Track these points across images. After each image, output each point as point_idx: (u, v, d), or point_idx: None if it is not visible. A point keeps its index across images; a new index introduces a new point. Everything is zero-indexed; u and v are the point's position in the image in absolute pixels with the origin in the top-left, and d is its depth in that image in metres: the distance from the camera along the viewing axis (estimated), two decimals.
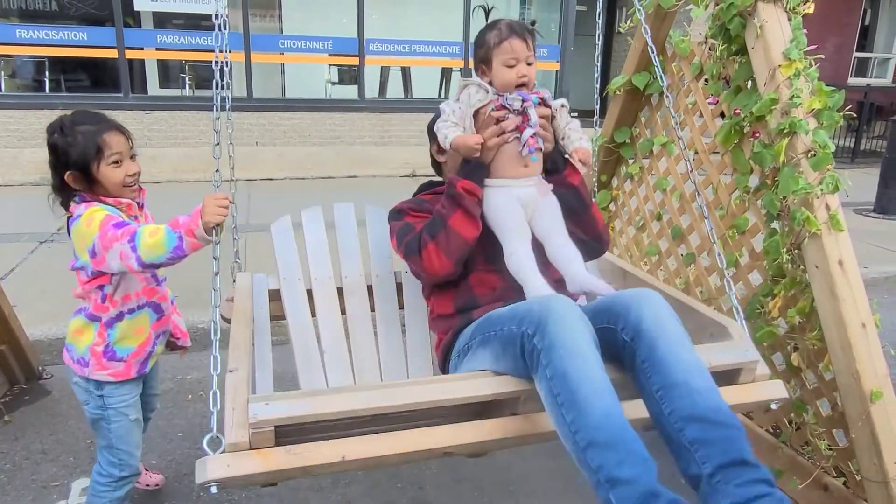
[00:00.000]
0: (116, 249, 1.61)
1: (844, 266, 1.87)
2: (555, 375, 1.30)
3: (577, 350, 1.31)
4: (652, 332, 1.39)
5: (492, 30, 1.73)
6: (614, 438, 1.25)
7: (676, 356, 1.36)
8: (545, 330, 1.34)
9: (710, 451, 1.28)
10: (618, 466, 1.23)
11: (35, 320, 3.35)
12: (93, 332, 1.83)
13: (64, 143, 1.69)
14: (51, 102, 7.23)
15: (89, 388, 1.87)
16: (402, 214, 1.93)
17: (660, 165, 2.91)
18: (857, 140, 9.88)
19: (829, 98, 1.97)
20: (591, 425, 1.25)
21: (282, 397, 1.41)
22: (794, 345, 2.13)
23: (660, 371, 1.35)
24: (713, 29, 2.33)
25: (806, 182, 1.92)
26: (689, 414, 1.31)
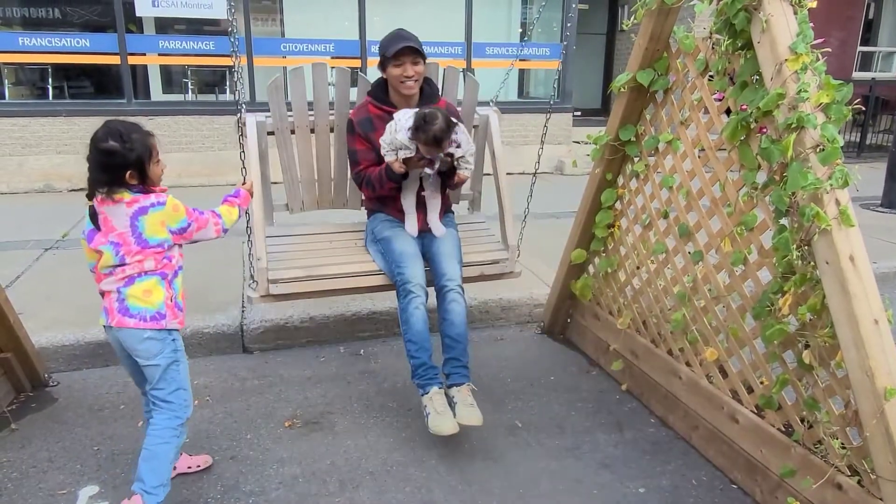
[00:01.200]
0: (210, 226, 2.27)
1: (856, 261, 1.84)
2: (402, 308, 2.75)
3: (414, 301, 2.72)
4: (446, 291, 2.79)
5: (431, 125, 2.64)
6: (417, 339, 2.69)
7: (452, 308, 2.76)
8: (405, 284, 2.75)
9: (449, 351, 2.73)
10: (416, 351, 2.69)
11: (41, 328, 3.34)
12: (162, 289, 2.15)
13: (124, 149, 2.03)
14: (54, 109, 7.25)
15: (164, 337, 2.16)
16: (353, 132, 2.95)
17: (665, 163, 2.89)
18: (863, 134, 9.83)
19: (837, 92, 1.94)
20: (410, 333, 2.70)
21: (283, 281, 2.89)
22: (806, 342, 2.11)
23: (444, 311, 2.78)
24: (718, 24, 2.31)
25: (815, 177, 1.90)
26: (449, 333, 2.74)
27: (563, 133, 8.76)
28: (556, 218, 5.71)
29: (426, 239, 2.99)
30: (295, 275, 2.88)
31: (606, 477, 2.51)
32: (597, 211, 3.26)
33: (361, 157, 2.95)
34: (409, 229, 2.96)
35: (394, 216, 3.03)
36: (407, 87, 2.84)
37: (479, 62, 8.42)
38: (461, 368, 2.70)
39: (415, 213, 2.97)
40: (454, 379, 2.69)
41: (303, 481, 2.46)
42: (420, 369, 2.67)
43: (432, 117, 2.64)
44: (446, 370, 2.70)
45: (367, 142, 2.91)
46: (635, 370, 3.10)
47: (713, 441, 2.59)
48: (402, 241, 2.90)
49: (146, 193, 2.11)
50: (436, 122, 2.63)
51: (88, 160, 2.07)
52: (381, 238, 2.98)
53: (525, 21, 9.45)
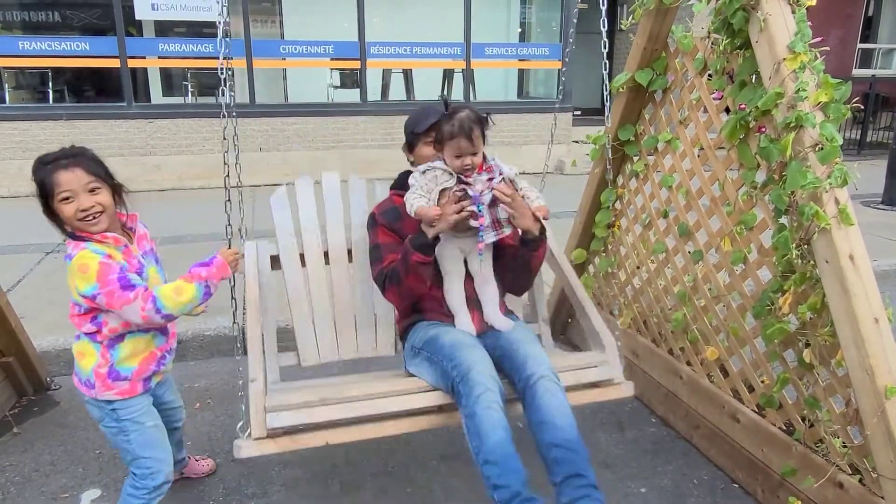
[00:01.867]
0: (133, 312, 1.77)
1: (855, 260, 1.84)
2: (468, 415, 1.94)
3: (485, 401, 1.93)
4: (534, 387, 2.01)
5: (447, 123, 2.06)
6: (499, 458, 1.86)
7: (548, 404, 1.98)
8: (467, 381, 1.96)
9: (561, 468, 1.90)
10: (499, 476, 1.84)
11: (43, 331, 3.35)
12: (96, 354, 1.89)
13: (33, 179, 1.80)
14: (55, 113, 7.27)
15: (100, 406, 1.93)
16: (375, 226, 2.32)
17: (664, 162, 2.89)
18: (863, 132, 9.82)
19: (835, 91, 1.94)
20: (487, 449, 1.87)
21: (287, 408, 1.98)
22: (806, 341, 2.11)
23: (537, 413, 1.98)
24: (716, 23, 2.30)
25: (814, 176, 1.90)
26: (553, 442, 1.93)
27: (562, 133, 8.76)
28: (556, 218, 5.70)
29: (488, 338, 2.21)
30: (305, 399, 2.02)
31: (608, 477, 2.51)
32: (597, 211, 3.26)
33: (386, 251, 2.24)
34: (464, 327, 2.21)
35: (441, 320, 2.27)
36: None
37: (479, 62, 8.43)
38: (588, 489, 1.85)
39: (467, 309, 2.24)
40: None
41: (305, 483, 2.47)
42: (515, 501, 1.81)
43: (455, 106, 2.11)
44: (566, 498, 1.86)
45: (394, 233, 2.27)
46: (636, 370, 3.10)
47: (714, 440, 2.59)
48: (452, 332, 2.17)
49: (78, 242, 1.82)
50: (461, 109, 2.08)
51: None
52: (424, 341, 2.20)
53: (524, 21, 9.46)
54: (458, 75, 8.57)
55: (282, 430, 1.99)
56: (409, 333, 2.33)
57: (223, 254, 1.98)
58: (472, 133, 2.03)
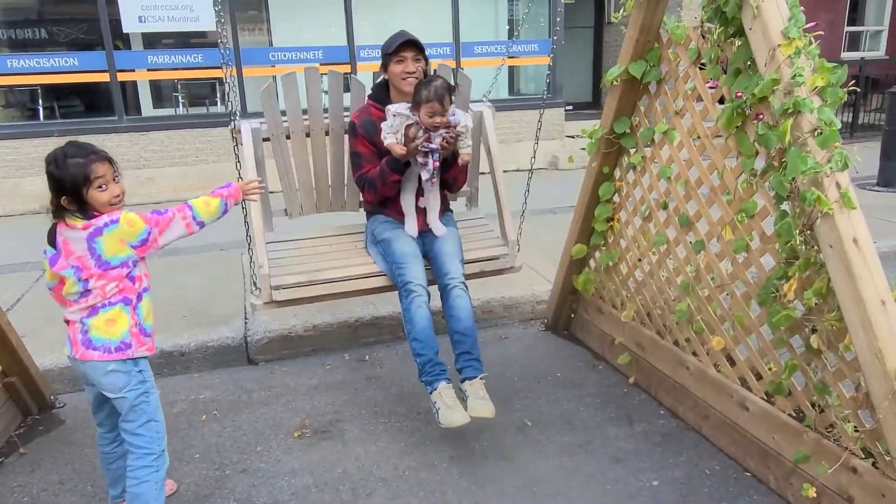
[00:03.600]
0: (178, 224, 2.09)
1: (860, 244, 1.83)
2: (404, 308, 2.73)
3: (416, 300, 2.71)
4: (450, 288, 2.79)
5: (425, 88, 2.67)
6: (422, 337, 2.66)
7: (458, 304, 2.75)
8: (406, 285, 2.74)
9: (459, 346, 2.71)
10: (422, 348, 2.66)
11: (44, 349, 3.33)
12: (127, 316, 2.05)
13: (58, 173, 1.95)
14: (46, 130, 7.23)
15: (129, 369, 2.06)
16: (355, 134, 2.93)
17: (662, 153, 2.88)
18: (855, 114, 9.84)
19: (831, 74, 1.94)
20: (415, 331, 2.67)
21: (286, 287, 2.87)
22: (813, 326, 2.10)
23: (450, 308, 2.77)
24: (708, 12, 2.30)
25: (814, 161, 1.89)
26: (457, 329, 2.72)
27: (555, 128, 8.76)
28: (553, 213, 5.70)
29: (427, 239, 2.98)
30: (297, 280, 2.87)
31: (619, 471, 2.50)
32: (595, 205, 3.26)
33: (365, 161, 2.93)
34: (409, 230, 2.96)
35: (394, 217, 3.01)
36: (409, 83, 2.81)
37: (468, 61, 8.41)
38: (473, 361, 2.67)
39: (414, 214, 2.97)
40: (467, 373, 2.64)
41: (315, 491, 2.45)
42: (427, 366, 2.61)
43: (433, 77, 2.71)
44: (458, 366, 2.67)
45: (371, 144, 2.90)
46: (642, 362, 3.09)
47: (724, 430, 2.58)
48: (402, 241, 2.89)
49: (98, 216, 1.99)
50: (437, 79, 2.68)
51: None
52: (381, 240, 2.97)
53: (512, 18, 9.45)
54: None
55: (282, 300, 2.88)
56: (371, 219, 3.12)
57: (239, 183, 2.33)
58: (443, 100, 2.66)
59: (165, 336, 3.45)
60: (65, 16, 7.76)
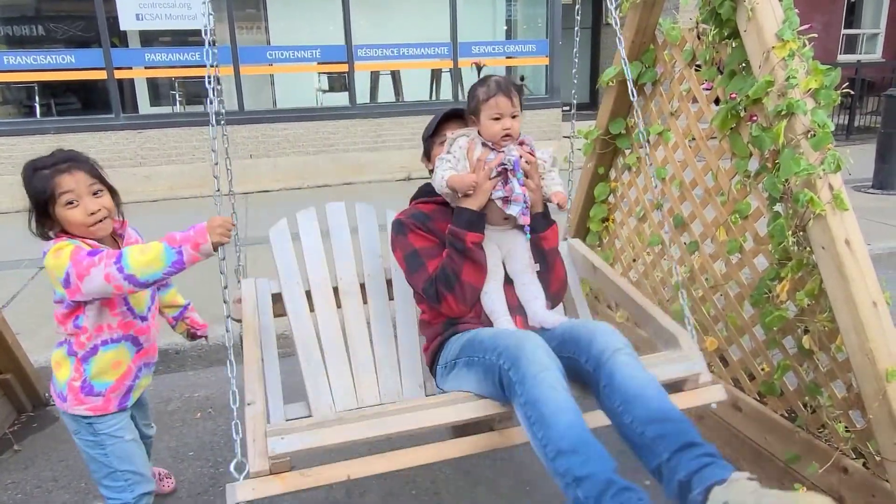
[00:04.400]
0: (98, 274, 1.60)
1: (851, 245, 1.84)
2: (527, 402, 1.55)
3: (544, 380, 1.55)
4: (609, 362, 1.65)
5: (482, 86, 1.92)
6: (576, 445, 1.45)
7: (631, 377, 1.61)
8: (518, 364, 1.59)
9: (665, 443, 1.49)
10: (580, 466, 1.42)
11: (40, 347, 3.33)
12: (69, 367, 1.81)
13: (26, 187, 1.72)
14: (42, 127, 7.22)
15: (76, 419, 1.85)
16: (404, 230, 2.02)
17: (657, 155, 2.89)
18: (851, 117, 9.88)
19: (825, 77, 1.95)
20: (557, 437, 1.47)
21: (294, 430, 1.58)
22: (805, 327, 2.11)
23: (618, 391, 1.60)
24: (703, 14, 2.31)
25: (807, 163, 1.90)
26: (646, 417, 1.54)
27: (552, 129, 8.77)
28: None
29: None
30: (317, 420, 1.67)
31: None
32: (591, 205, 3.27)
33: (426, 257, 1.97)
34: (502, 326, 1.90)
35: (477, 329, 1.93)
36: None
37: (466, 61, 8.42)
38: (709, 458, 1.45)
39: (508, 313, 1.93)
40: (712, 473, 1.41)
41: (310, 490, 2.45)
42: (607, 496, 1.37)
43: (484, 76, 1.96)
44: (684, 472, 1.43)
45: (428, 235, 2.01)
46: None
47: (717, 430, 2.59)
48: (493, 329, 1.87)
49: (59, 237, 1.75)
50: (493, 76, 1.95)
51: None
52: (460, 347, 1.86)
53: (510, 18, 9.46)
54: (445, 75, 8.57)
55: (287, 460, 1.58)
56: (441, 353, 1.96)
57: (211, 219, 1.67)
58: (510, 92, 1.88)
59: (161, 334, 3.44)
60: (62, 13, 7.75)
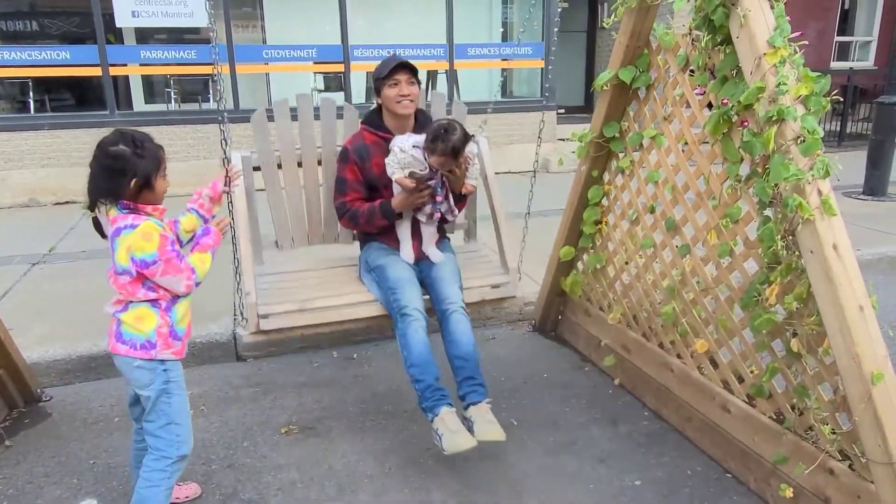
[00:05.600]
0: (180, 280, 1.99)
1: (839, 250, 1.87)
2: (400, 334, 2.60)
3: (413, 324, 2.58)
4: (449, 315, 2.67)
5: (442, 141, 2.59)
6: (419, 362, 2.52)
7: (457, 330, 2.63)
8: (402, 309, 2.62)
9: (462, 372, 2.57)
10: (420, 374, 2.50)
11: (32, 343, 3.33)
12: (156, 317, 2.01)
13: (135, 155, 1.93)
14: (37, 123, 7.20)
15: (154, 367, 2.03)
16: (346, 159, 2.84)
17: (650, 158, 2.92)
18: (843, 123, 9.95)
19: (815, 84, 1.98)
20: (412, 356, 2.54)
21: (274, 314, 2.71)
22: (793, 331, 2.14)
23: (450, 334, 2.64)
24: (697, 20, 2.34)
25: (797, 168, 1.93)
26: (458, 354, 2.59)
27: (547, 131, 8.78)
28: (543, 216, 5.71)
29: (423, 266, 2.87)
30: (286, 308, 2.72)
31: (603, 471, 2.54)
32: (584, 208, 3.29)
33: (350, 188, 2.84)
34: (405, 257, 2.87)
35: (388, 244, 2.91)
36: (403, 105, 2.76)
37: (462, 63, 8.44)
38: (476, 386, 2.53)
39: (410, 241, 2.88)
40: (471, 398, 2.50)
41: (301, 487, 2.47)
42: (427, 392, 2.46)
43: (451, 128, 2.60)
44: (461, 392, 2.54)
45: (360, 171, 2.83)
46: (627, 364, 3.13)
47: (707, 432, 2.62)
48: (397, 267, 2.78)
49: (131, 213, 1.95)
50: (455, 132, 2.59)
51: (92, 166, 1.95)
52: (375, 266, 2.84)
53: (506, 21, 9.48)
54: (441, 76, 8.58)
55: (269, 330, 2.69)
56: (365, 246, 3.01)
57: (216, 225, 2.22)
58: (458, 155, 2.64)
59: None
60: (57, 8, 7.73)
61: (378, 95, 2.85)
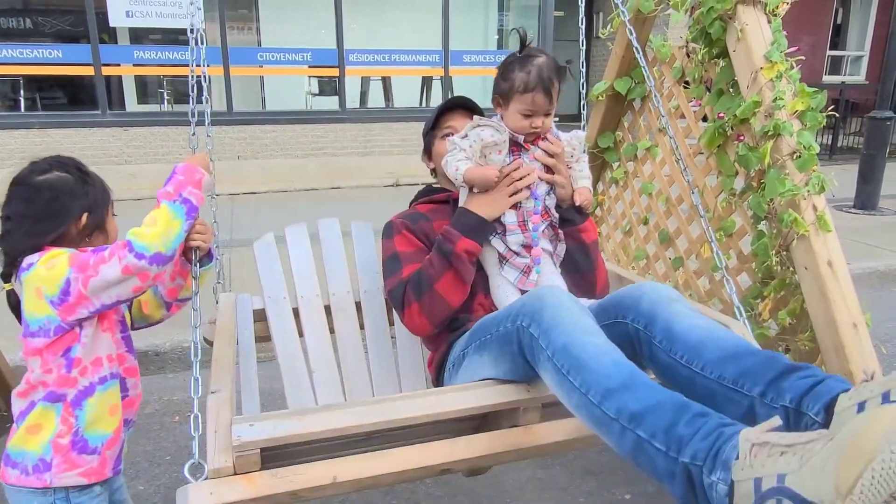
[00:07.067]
0: (111, 270, 1.32)
1: (833, 266, 1.87)
2: (556, 351, 1.26)
3: (576, 324, 1.29)
4: (664, 314, 1.40)
5: (522, 69, 1.66)
6: (627, 381, 1.17)
7: (693, 326, 1.36)
8: (541, 316, 1.32)
9: (754, 377, 1.21)
10: (636, 401, 1.13)
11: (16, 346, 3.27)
12: (54, 420, 1.40)
13: (80, 181, 1.46)
14: (27, 122, 7.13)
15: (52, 495, 1.41)
16: (391, 232, 1.87)
17: (644, 169, 2.91)
18: (835, 137, 10.02)
19: (811, 99, 1.98)
20: (602, 377, 1.18)
21: (267, 417, 1.33)
22: (786, 346, 2.13)
23: (680, 341, 1.34)
24: (693, 32, 2.33)
25: (792, 183, 1.92)
26: (721, 357, 1.27)
27: None
28: None
29: None
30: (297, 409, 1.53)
31: (592, 484, 2.51)
32: None
33: (406, 262, 1.77)
34: None
35: None
36: None
37: (457, 70, 8.44)
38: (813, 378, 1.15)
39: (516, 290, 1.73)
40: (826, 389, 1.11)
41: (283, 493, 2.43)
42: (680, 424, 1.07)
43: (532, 50, 1.69)
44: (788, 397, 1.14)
45: (416, 238, 1.84)
46: None
47: None
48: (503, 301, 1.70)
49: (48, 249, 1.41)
50: (540, 53, 1.68)
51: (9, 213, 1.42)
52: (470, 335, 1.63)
53: (502, 28, 9.50)
54: (436, 82, 8.58)
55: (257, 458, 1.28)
56: (449, 355, 1.73)
57: (188, 158, 1.54)
58: (551, 87, 1.65)
59: (141, 335, 3.40)
60: (50, 7, 7.67)
61: (430, 158, 2.04)
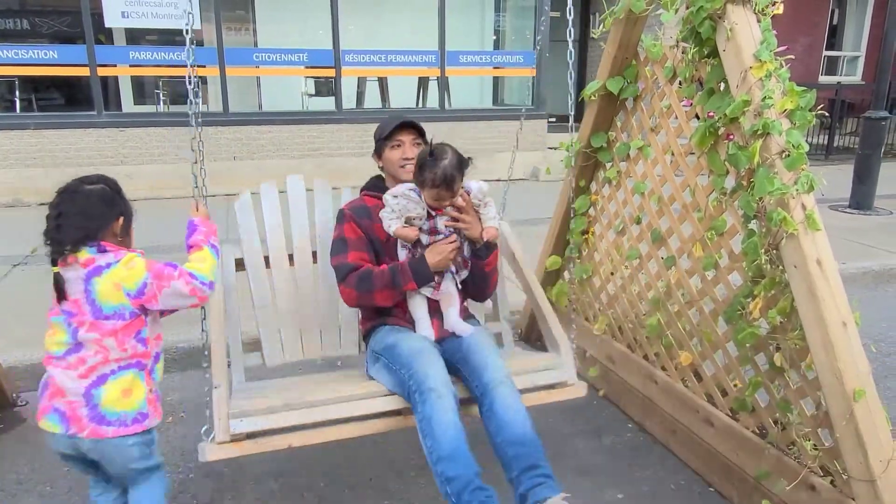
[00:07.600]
0: (180, 286, 1.79)
1: (823, 265, 1.87)
2: (423, 419, 2.00)
3: (439, 406, 2.00)
4: (492, 392, 2.10)
5: (430, 171, 2.17)
6: (452, 453, 1.92)
7: (506, 407, 2.07)
8: (422, 389, 2.04)
9: (518, 463, 1.98)
10: (452, 469, 1.90)
11: (10, 346, 3.27)
12: (142, 383, 1.83)
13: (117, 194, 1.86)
14: (23, 122, 7.12)
15: (148, 440, 1.86)
16: (342, 220, 2.37)
17: (637, 169, 2.91)
18: (831, 137, 10.03)
19: (800, 98, 1.98)
20: (440, 447, 1.94)
21: (251, 413, 2.06)
22: (777, 345, 2.14)
23: (495, 416, 2.07)
24: (684, 32, 2.34)
25: (781, 182, 1.93)
26: (510, 440, 2.01)
27: (538, 139, 8.81)
28: (532, 225, 5.72)
29: (448, 345, 2.31)
30: (269, 404, 2.08)
31: (586, 484, 2.51)
32: (571, 217, 3.28)
33: (352, 247, 2.31)
34: (424, 332, 2.32)
35: (402, 325, 2.37)
36: (407, 170, 2.34)
37: (453, 70, 8.45)
38: (543, 478, 1.95)
39: (428, 318, 2.34)
40: (539, 493, 1.90)
41: (280, 496, 2.43)
42: (465, 494, 1.85)
43: (440, 151, 2.19)
44: (522, 489, 1.94)
45: (361, 230, 2.35)
46: (612, 376, 3.11)
47: (690, 445, 2.61)
48: (411, 340, 2.25)
49: (118, 250, 1.79)
50: (445, 155, 2.17)
51: (61, 209, 1.75)
52: (384, 347, 2.27)
53: (498, 29, 9.51)
54: (432, 83, 8.58)
55: (245, 434, 2.05)
56: (372, 336, 2.41)
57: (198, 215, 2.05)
58: (453, 183, 2.19)
59: None
60: (46, 7, 7.68)
61: (379, 158, 2.49)
